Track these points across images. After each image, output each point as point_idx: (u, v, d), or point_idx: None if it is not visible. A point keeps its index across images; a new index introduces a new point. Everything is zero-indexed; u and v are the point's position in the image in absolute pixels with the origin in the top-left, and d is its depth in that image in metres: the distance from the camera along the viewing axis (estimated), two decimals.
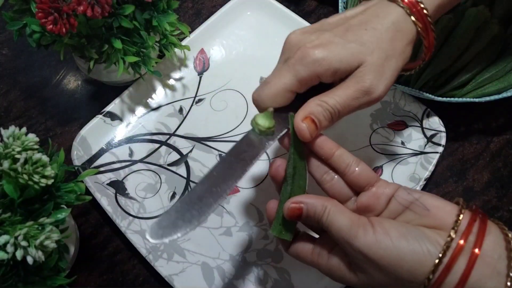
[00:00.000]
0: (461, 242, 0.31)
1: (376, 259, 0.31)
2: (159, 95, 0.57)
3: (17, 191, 0.37)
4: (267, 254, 0.49)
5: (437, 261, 0.30)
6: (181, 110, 0.56)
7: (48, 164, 0.37)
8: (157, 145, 0.54)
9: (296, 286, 0.48)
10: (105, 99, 0.55)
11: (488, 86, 0.51)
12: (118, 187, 0.52)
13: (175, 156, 0.54)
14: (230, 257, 0.49)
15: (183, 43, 0.57)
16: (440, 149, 0.51)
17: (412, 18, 0.36)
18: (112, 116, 0.54)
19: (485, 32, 0.51)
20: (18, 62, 0.61)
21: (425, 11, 0.37)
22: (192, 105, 0.56)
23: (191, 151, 0.54)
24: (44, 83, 0.60)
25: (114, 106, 0.54)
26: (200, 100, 0.57)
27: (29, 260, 0.35)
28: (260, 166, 0.53)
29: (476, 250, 0.31)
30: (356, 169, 0.36)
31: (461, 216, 0.32)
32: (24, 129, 0.38)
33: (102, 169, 0.52)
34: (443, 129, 0.52)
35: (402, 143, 0.53)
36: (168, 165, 0.53)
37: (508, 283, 0.30)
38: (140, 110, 0.56)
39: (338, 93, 0.35)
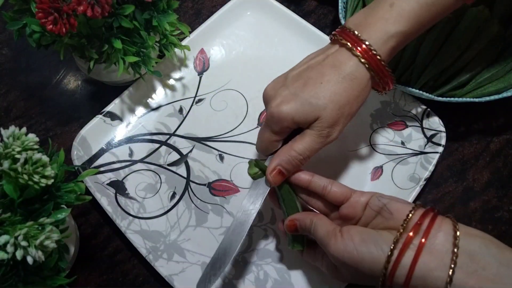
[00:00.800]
0: (410, 234, 0.36)
1: (345, 261, 0.38)
2: (159, 95, 0.57)
3: (17, 191, 0.37)
4: (267, 254, 0.49)
5: (386, 258, 0.36)
6: (181, 110, 0.56)
7: (48, 164, 0.37)
8: (157, 145, 0.54)
9: (296, 286, 0.48)
10: (105, 99, 0.55)
11: (488, 86, 0.51)
12: (118, 187, 0.52)
13: (175, 156, 0.54)
14: None
15: (183, 43, 0.57)
16: (440, 149, 0.51)
17: (366, 65, 0.41)
18: (112, 116, 0.54)
19: (485, 32, 0.51)
20: (18, 62, 0.61)
21: (378, 57, 0.41)
22: (192, 105, 0.56)
23: (191, 151, 0.54)
24: (44, 83, 0.60)
25: (114, 106, 0.54)
26: (200, 100, 0.57)
27: (29, 260, 0.35)
28: None
29: (423, 240, 0.36)
30: (332, 188, 0.43)
31: (410, 214, 0.37)
32: (24, 129, 0.38)
33: (102, 169, 0.52)
34: (443, 129, 0.52)
35: (402, 143, 0.53)
36: (168, 165, 0.53)
37: (450, 273, 0.34)
38: (140, 110, 0.56)
39: (305, 140, 0.43)
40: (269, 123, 0.43)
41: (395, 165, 0.52)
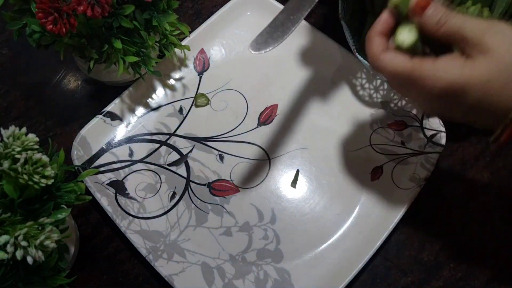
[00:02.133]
0: None
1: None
2: (159, 95, 0.57)
3: (17, 191, 0.37)
4: (267, 254, 0.49)
5: None
6: (181, 110, 0.56)
7: (48, 164, 0.37)
8: (157, 145, 0.54)
9: (296, 286, 0.48)
10: (105, 99, 0.55)
11: None
12: (118, 187, 0.52)
13: (175, 156, 0.54)
14: (230, 257, 0.49)
15: (183, 43, 0.57)
16: (440, 149, 0.51)
17: None
18: (112, 116, 0.54)
19: None
20: (18, 62, 0.61)
21: None
22: (192, 105, 0.56)
23: (191, 151, 0.54)
24: (44, 83, 0.60)
25: (114, 106, 0.54)
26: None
27: (29, 260, 0.35)
28: (260, 166, 0.53)
29: None
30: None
31: None
32: (24, 129, 0.38)
33: (102, 169, 0.52)
34: (443, 129, 0.52)
35: (402, 143, 0.53)
36: (168, 165, 0.53)
37: None
38: (140, 110, 0.56)
39: None
40: None
41: (395, 165, 0.52)
